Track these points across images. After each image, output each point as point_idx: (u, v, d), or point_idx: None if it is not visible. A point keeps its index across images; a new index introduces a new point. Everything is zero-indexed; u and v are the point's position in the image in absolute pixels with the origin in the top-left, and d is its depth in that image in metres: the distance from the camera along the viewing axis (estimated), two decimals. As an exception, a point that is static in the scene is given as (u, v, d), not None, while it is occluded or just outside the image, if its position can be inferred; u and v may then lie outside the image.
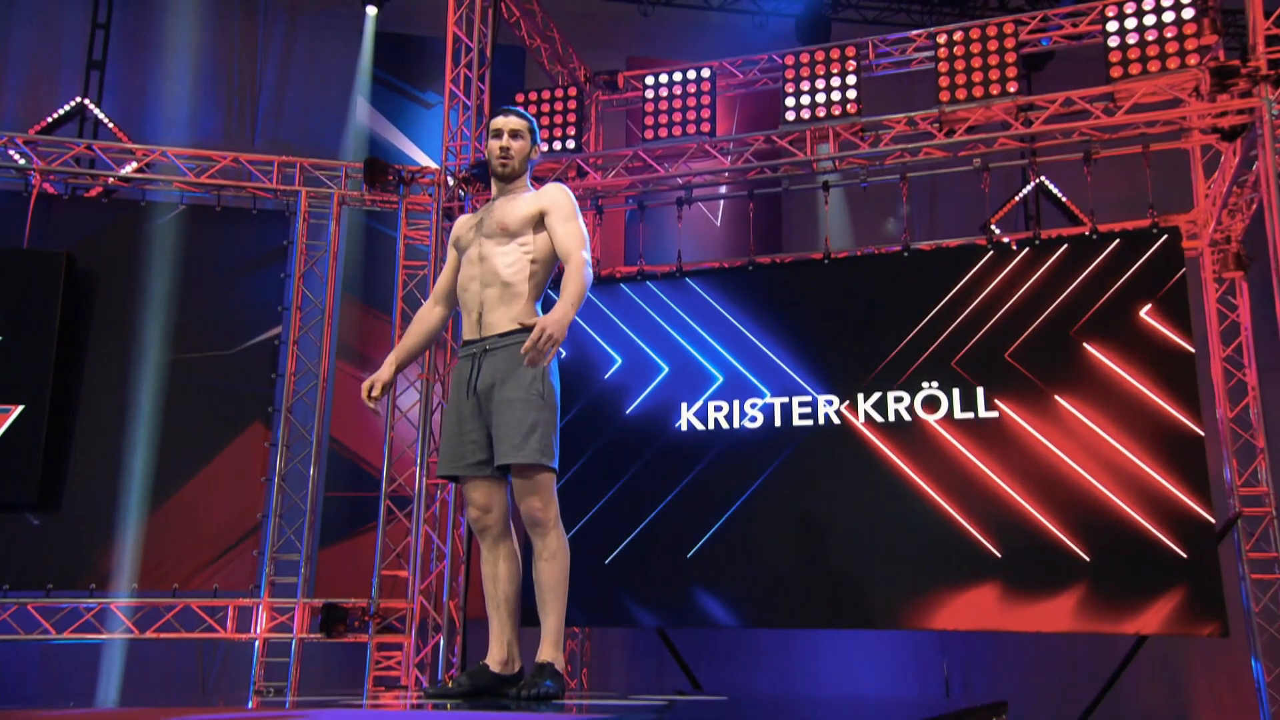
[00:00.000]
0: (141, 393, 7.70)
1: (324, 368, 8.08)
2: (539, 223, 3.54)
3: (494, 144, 3.56)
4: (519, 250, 3.49)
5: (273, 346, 7.97)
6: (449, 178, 8.15)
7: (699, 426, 7.51)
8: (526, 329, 3.32)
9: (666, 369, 7.73)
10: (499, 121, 3.55)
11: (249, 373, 7.87)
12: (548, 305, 3.53)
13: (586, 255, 3.47)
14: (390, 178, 8.19)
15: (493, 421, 3.36)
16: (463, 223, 3.68)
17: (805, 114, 7.56)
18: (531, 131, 3.59)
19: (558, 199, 3.54)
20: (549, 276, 3.57)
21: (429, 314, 3.70)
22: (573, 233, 3.49)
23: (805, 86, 7.59)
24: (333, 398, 8.78)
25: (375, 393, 3.55)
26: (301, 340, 8.10)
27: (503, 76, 9.05)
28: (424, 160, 9.87)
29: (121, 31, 10.17)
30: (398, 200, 8.33)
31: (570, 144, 8.28)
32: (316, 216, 8.35)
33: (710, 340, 7.69)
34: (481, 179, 7.89)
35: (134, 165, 8.10)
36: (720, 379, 7.57)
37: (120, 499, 7.49)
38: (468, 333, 3.48)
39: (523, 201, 3.56)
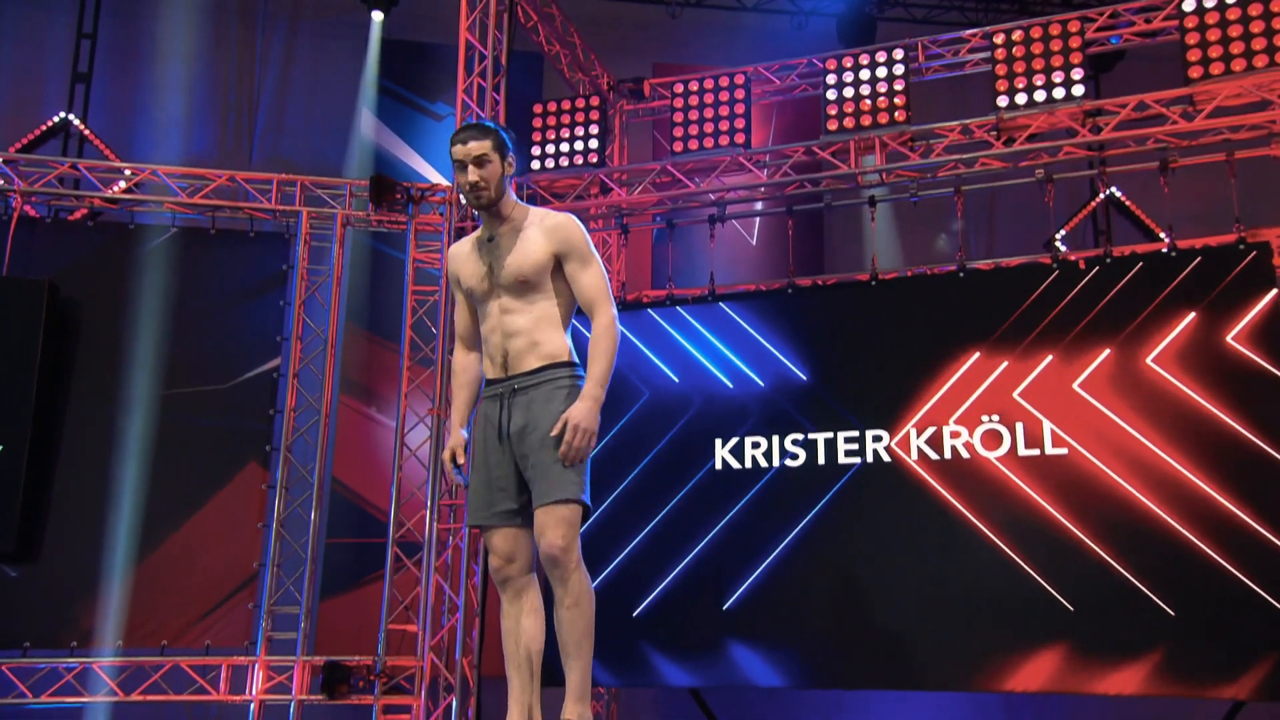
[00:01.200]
0: (129, 431, 7.70)
1: (326, 403, 8.06)
2: (557, 266, 3.52)
3: (460, 179, 3.50)
4: (543, 301, 3.49)
5: (271, 380, 7.99)
6: (461, 196, 8.07)
7: (735, 465, 7.50)
8: (556, 365, 3.40)
9: (698, 402, 7.70)
10: (458, 150, 3.47)
11: (245, 409, 7.88)
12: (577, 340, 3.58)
13: (613, 308, 3.47)
14: (398, 196, 8.21)
15: (528, 464, 3.38)
16: (462, 261, 3.62)
17: (849, 123, 7.53)
18: (499, 148, 3.49)
19: (572, 239, 3.51)
20: (574, 310, 3.59)
21: (469, 362, 3.71)
22: (596, 282, 3.50)
23: (849, 93, 7.57)
24: (335, 435, 8.79)
25: (460, 460, 3.58)
26: (302, 373, 8.10)
27: (519, 85, 9.07)
28: (434, 177, 9.91)
29: (108, 42, 10.25)
30: (406, 220, 8.34)
31: (593, 158, 8.30)
32: (319, 239, 8.39)
33: (747, 370, 7.68)
34: None
35: (122, 185, 8.16)
36: (758, 413, 7.53)
37: (105, 548, 7.48)
38: (491, 372, 3.50)
39: (531, 241, 3.51)
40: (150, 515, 7.57)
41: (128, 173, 8.23)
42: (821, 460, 7.29)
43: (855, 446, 7.22)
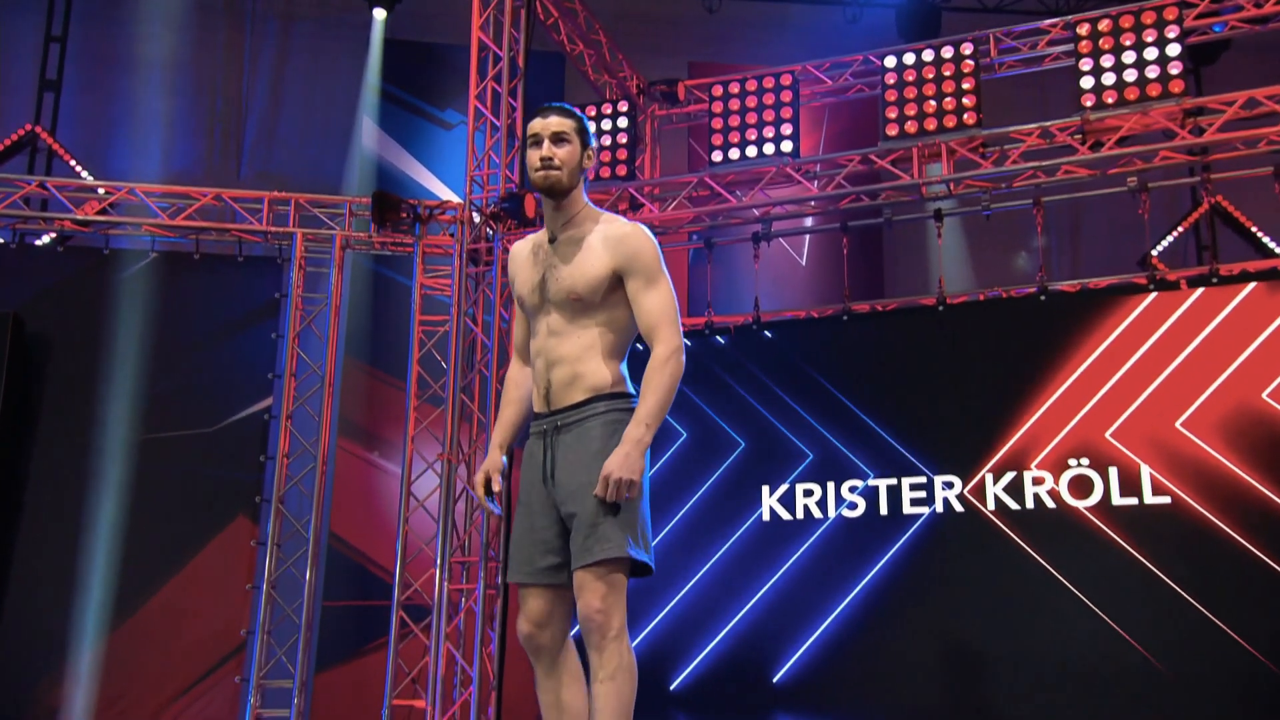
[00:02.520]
0: (103, 480, 7.72)
1: (323, 448, 8.06)
2: (618, 283, 3.44)
3: (533, 154, 3.48)
4: (595, 326, 3.44)
5: (261, 422, 8.01)
6: (474, 213, 8.21)
7: (785, 516, 7.51)
8: (602, 396, 3.37)
9: (743, 444, 7.72)
10: (537, 124, 3.49)
11: (233, 455, 7.91)
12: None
13: (678, 338, 3.37)
14: (404, 215, 8.22)
15: (568, 512, 3.34)
16: (519, 264, 3.60)
17: (911, 127, 7.48)
18: (581, 132, 3.51)
19: (639, 254, 3.42)
20: (633, 337, 3.52)
21: (522, 376, 3.68)
22: (660, 305, 3.40)
23: (911, 93, 7.51)
24: (334, 485, 8.81)
25: (496, 486, 3.52)
26: (297, 415, 8.10)
27: (538, 90, 8.96)
28: (444, 193, 9.94)
29: (80, 46, 10.31)
30: (413, 242, 8.35)
31: (621, 170, 8.34)
32: (315, 263, 8.42)
33: (796, 408, 7.68)
34: (514, 215, 7.82)
35: (95, 206, 8.22)
36: (810, 456, 7.56)
37: (74, 614, 7.45)
38: (537, 404, 3.49)
39: (591, 251, 3.46)
40: (125, 577, 7.57)
41: (101, 191, 8.30)
42: (884, 510, 7.27)
43: (923, 495, 7.21)
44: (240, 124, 10.18)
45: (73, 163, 8.93)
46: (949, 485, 7.18)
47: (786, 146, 7.82)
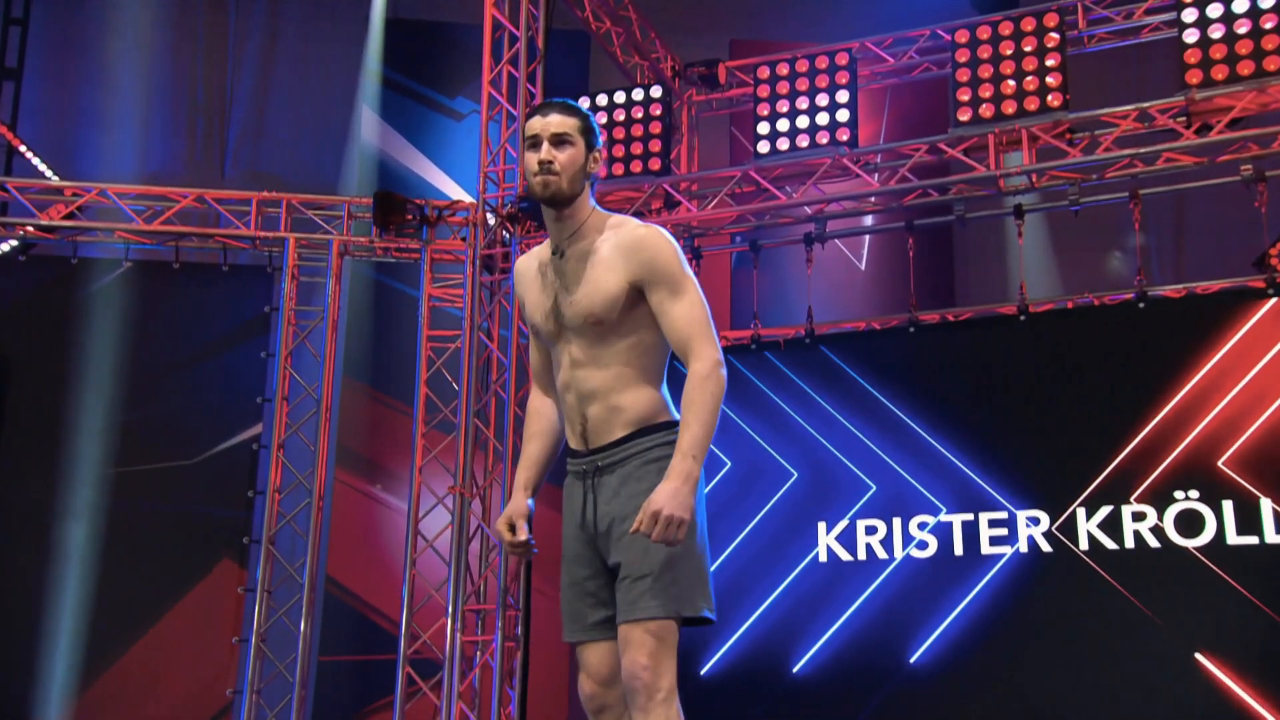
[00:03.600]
0: (69, 520, 7.73)
1: (320, 481, 8.05)
2: (639, 297, 3.42)
3: (530, 158, 3.46)
4: (622, 349, 3.43)
5: (250, 453, 8.11)
6: (488, 214, 8.25)
7: (845, 557, 7.46)
8: (647, 429, 3.39)
9: (795, 475, 7.70)
10: (535, 124, 3.47)
11: (218, 490, 8.00)
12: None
13: (716, 350, 3.36)
14: (409, 217, 8.26)
15: (614, 562, 3.37)
16: (527, 285, 3.61)
17: (986, 111, 7.40)
18: (585, 132, 3.49)
19: (656, 261, 3.41)
20: (669, 353, 3.51)
21: (544, 406, 3.70)
22: (690, 315, 3.37)
23: (986, 72, 7.43)
24: (331, 523, 8.78)
25: (520, 535, 3.54)
26: (289, 444, 8.10)
27: (560, 74, 9.03)
28: (454, 191, 9.93)
29: (44, 31, 10.33)
30: (419, 248, 8.37)
31: (655, 163, 8.30)
32: (309, 272, 8.43)
33: (857, 433, 7.63)
34: (534, 216, 7.91)
35: (62, 209, 8.19)
36: (873, 489, 7.52)
37: (39, 673, 7.42)
38: (571, 441, 3.52)
39: (604, 263, 3.44)
40: (96, 630, 7.56)
41: (69, 193, 8.27)
42: (959, 550, 7.22)
43: (1004, 532, 7.14)
44: (225, 116, 10.19)
45: (35, 161, 9.02)
46: (1034, 521, 7.09)
47: (843, 135, 7.78)
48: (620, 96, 8.45)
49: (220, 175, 10.03)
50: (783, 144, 7.89)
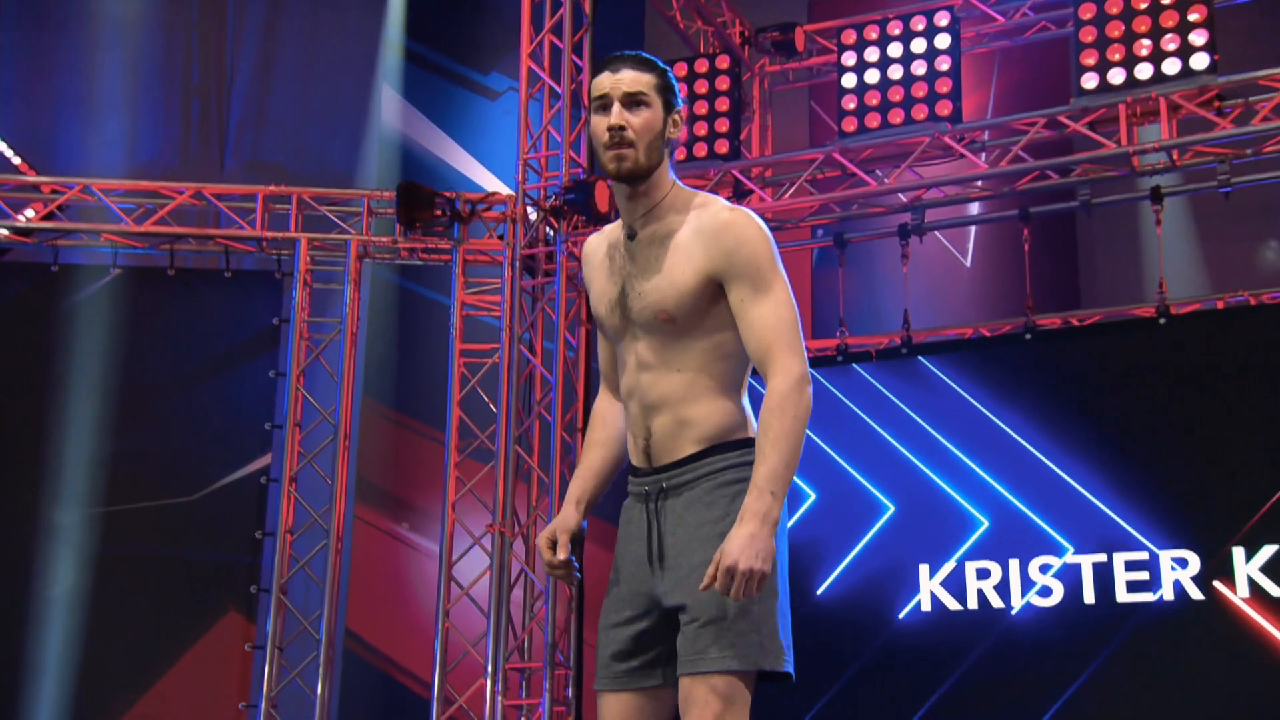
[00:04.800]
0: (52, 567, 7.71)
1: (338, 520, 8.04)
2: (719, 292, 3.32)
3: (598, 123, 3.34)
4: (698, 352, 3.36)
5: (258, 488, 8.09)
6: (529, 208, 8.25)
7: (951, 605, 7.39)
8: (721, 447, 3.32)
9: (892, 509, 7.64)
10: (604, 81, 3.37)
11: (222, 531, 7.97)
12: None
13: (802, 363, 3.27)
14: (438, 213, 8.24)
15: (675, 603, 3.31)
16: (595, 269, 3.58)
17: (1116, 76, 7.27)
18: (664, 90, 3.38)
19: (741, 251, 3.31)
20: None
21: (611, 411, 3.68)
22: (776, 320, 3.28)
23: (1115, 30, 7.28)
24: (350, 569, 8.72)
25: (561, 553, 3.49)
26: (302, 476, 8.07)
27: (610, 44, 8.90)
28: (490, 182, 9.90)
29: (17, 5, 10.34)
30: (450, 247, 8.38)
31: (722, 145, 8.30)
32: (324, 278, 8.43)
33: (964, 458, 7.55)
34: (582, 209, 7.83)
35: (41, 209, 8.19)
36: (986, 524, 7.43)
37: None
38: (634, 456, 3.48)
39: (681, 250, 3.36)
40: (83, 694, 7.54)
41: (47, 190, 8.24)
42: (1090, 598, 7.08)
43: (1145, 576, 7.01)
44: (224, 99, 10.11)
45: (9, 154, 9.03)
46: (1181, 563, 6.95)
47: (944, 109, 7.71)
48: (680, 69, 8.42)
49: (220, 167, 9.94)
50: (872, 120, 7.84)
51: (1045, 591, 7.15)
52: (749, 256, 3.26)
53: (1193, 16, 7.09)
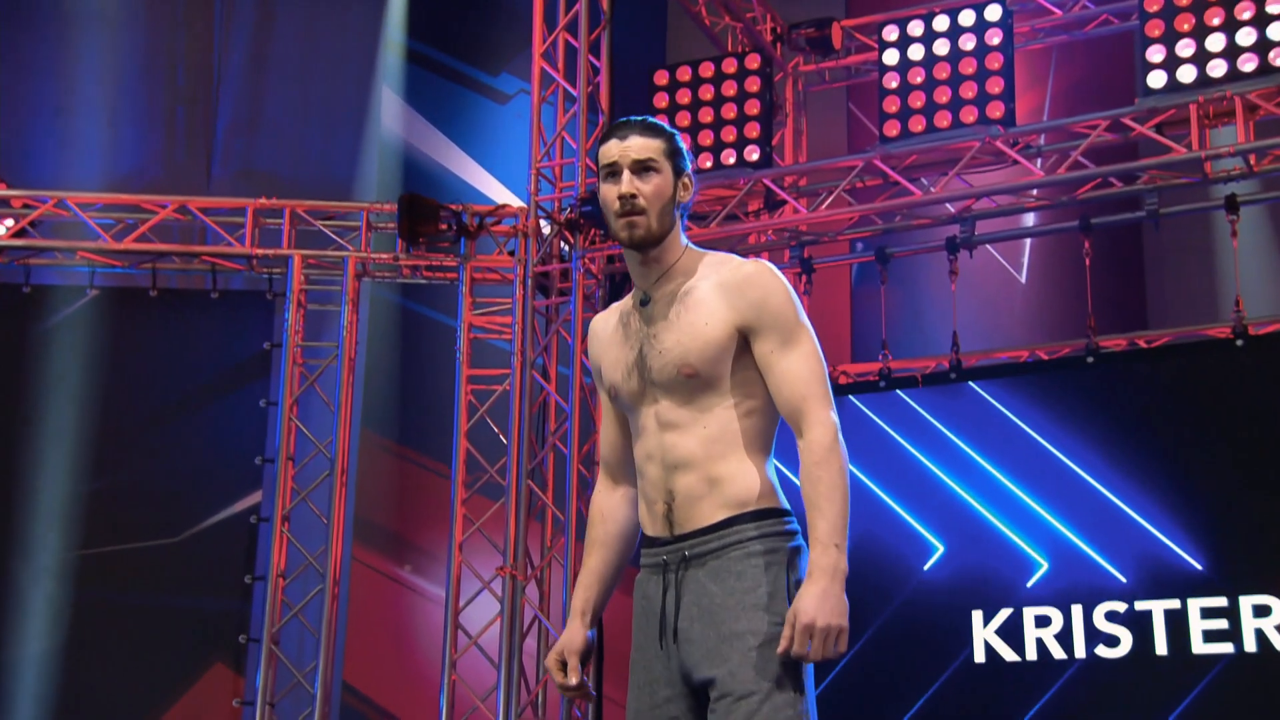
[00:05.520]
0: (25, 615, 7.70)
1: (334, 562, 8.01)
2: (744, 346, 3.44)
3: (608, 191, 3.51)
4: (723, 409, 3.43)
5: (247, 528, 8.08)
6: (542, 221, 8.26)
7: (1009, 656, 7.32)
8: (749, 515, 3.38)
9: (941, 549, 7.61)
10: (612, 149, 3.54)
11: (207, 576, 7.97)
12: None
13: (833, 414, 3.40)
14: (443, 227, 8.27)
15: (702, 679, 3.35)
16: (604, 344, 3.68)
17: (1187, 73, 7.20)
18: (672, 155, 3.55)
19: (768, 303, 3.46)
20: (778, 417, 3.52)
21: (613, 505, 3.75)
22: (807, 371, 3.44)
23: (1185, 24, 7.22)
24: (348, 616, 8.70)
25: (573, 677, 3.59)
26: (295, 515, 8.06)
27: (630, 42, 8.88)
28: (499, 193, 9.88)
29: None
30: (456, 264, 8.41)
31: (752, 152, 8.25)
32: (319, 298, 8.44)
33: (1020, 494, 7.50)
34: (598, 222, 7.78)
35: (11, 225, 8.18)
36: (1044, 566, 7.37)
37: None
38: (651, 526, 3.53)
39: (703, 305, 3.49)
40: None
41: (19, 205, 8.23)
42: (1162, 649, 7.00)
43: (1223, 625, 6.92)
44: (211, 104, 10.09)
45: None
46: (1264, 611, 6.86)
47: (995, 111, 7.65)
48: (707, 69, 8.38)
49: (207, 178, 9.91)
50: (917, 124, 7.80)
51: (1112, 641, 7.09)
52: (777, 308, 3.39)
53: (1272, 8, 7.02)
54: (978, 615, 7.35)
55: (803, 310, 3.47)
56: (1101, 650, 7.08)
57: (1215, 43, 7.10)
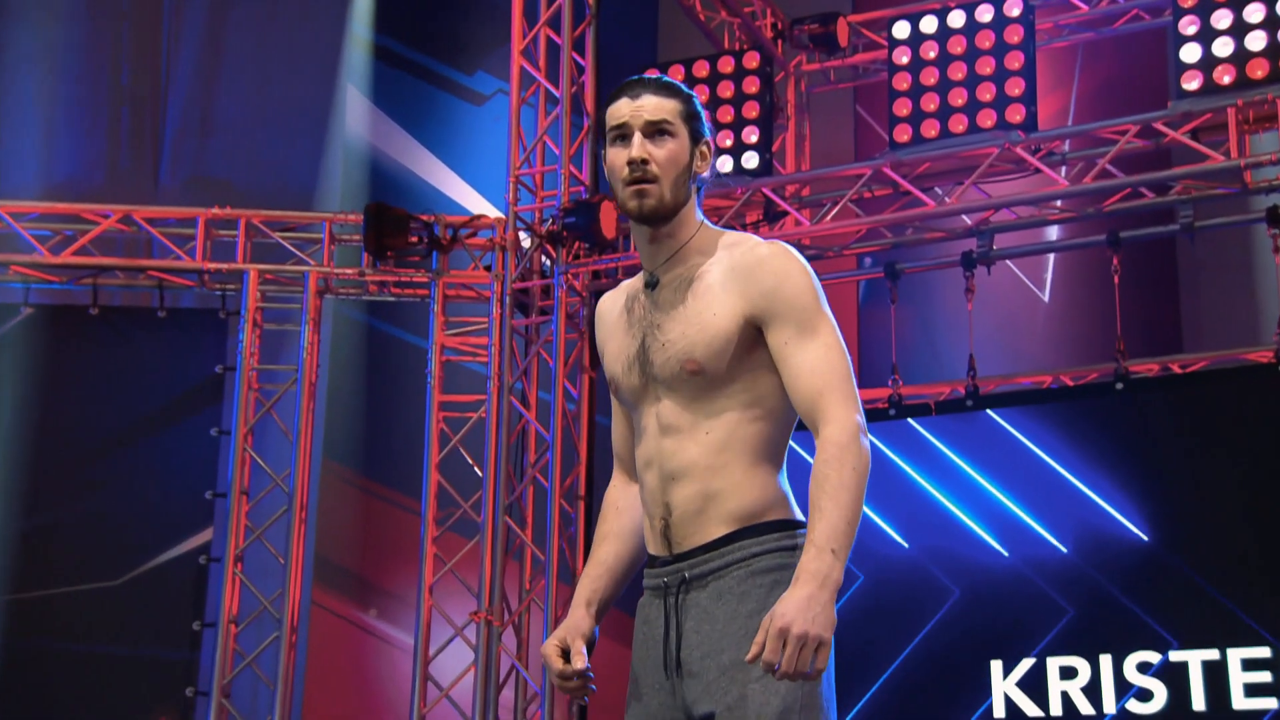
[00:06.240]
0: None
1: (291, 606, 8.01)
2: (757, 339, 3.36)
3: (616, 156, 3.41)
4: (731, 411, 3.37)
5: (196, 569, 8.07)
6: (521, 234, 8.28)
7: (1032, 711, 7.30)
8: (757, 528, 3.34)
9: (956, 593, 7.59)
10: (623, 109, 3.44)
11: (152, 622, 7.97)
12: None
13: (857, 411, 3.30)
14: (413, 239, 8.29)
15: (704, 712, 3.32)
16: (610, 329, 3.65)
17: (1224, 74, 7.17)
18: (690, 118, 3.47)
19: (784, 286, 3.35)
20: (793, 424, 3.48)
21: (629, 499, 3.70)
22: (826, 363, 3.33)
23: (1222, 20, 7.20)
24: (307, 666, 8.69)
25: (578, 661, 3.50)
26: (249, 555, 8.07)
27: (618, 39, 8.92)
28: (474, 202, 9.88)
29: None
30: (428, 280, 8.42)
31: (750, 159, 8.28)
32: (277, 317, 8.48)
33: (1043, 533, 7.49)
34: (585, 235, 7.79)
35: None
36: (1070, 613, 7.37)
37: None
38: (652, 543, 3.50)
39: (712, 293, 3.42)
40: None
41: None
42: (1200, 703, 6.99)
43: (1266, 678, 6.90)
44: (160, 104, 10.03)
45: None
46: None
47: (1015, 115, 7.69)
48: (702, 68, 8.42)
49: (154, 186, 9.79)
50: (930, 129, 7.82)
51: (1144, 695, 7.09)
52: (792, 294, 3.31)
53: (1320, -3, 7.05)
54: (997, 666, 7.35)
55: (824, 298, 3.38)
56: (1133, 705, 7.07)
57: (1256, 41, 7.07)
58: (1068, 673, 7.23)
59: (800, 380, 3.30)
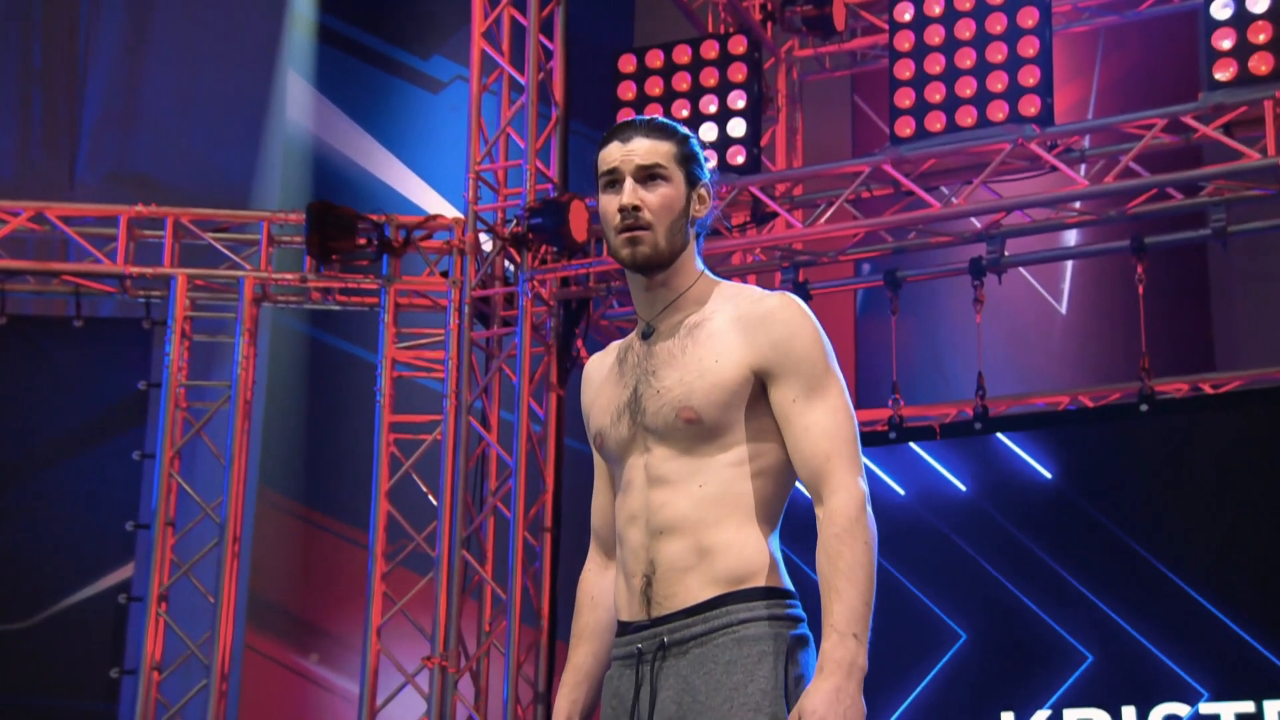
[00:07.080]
0: None
1: (222, 651, 8.02)
2: (757, 393, 3.41)
3: (608, 202, 3.49)
4: (726, 466, 3.41)
5: (115, 609, 8.02)
6: (482, 236, 8.20)
7: None
8: (744, 593, 3.36)
9: (964, 637, 7.68)
10: (613, 153, 3.53)
11: (66, 669, 7.99)
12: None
13: (862, 481, 3.35)
14: (361, 241, 8.35)
15: None
16: (598, 387, 3.71)
17: (1261, 63, 7.19)
18: (685, 160, 3.54)
19: (794, 341, 3.43)
20: (791, 485, 3.51)
21: (604, 589, 3.74)
22: (834, 428, 3.39)
23: (1259, 4, 7.21)
24: (239, 715, 8.75)
25: None
26: (175, 593, 8.10)
27: (589, 21, 8.95)
28: (430, 200, 9.89)
29: None
30: (378, 287, 8.43)
31: (737, 154, 8.31)
32: (209, 328, 8.45)
33: (1059, 570, 7.55)
34: (552, 238, 7.80)
35: None
36: (1089, 659, 7.41)
37: None
38: (627, 607, 3.52)
39: (715, 340, 3.46)
40: None
41: None
42: None
43: None
44: (77, 91, 10.05)
45: None
46: None
47: (1030, 107, 7.70)
48: (683, 54, 8.43)
49: (70, 181, 9.84)
50: (935, 122, 7.83)
51: None
52: (802, 349, 3.36)
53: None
54: (1008, 718, 7.42)
55: (834, 356, 3.44)
56: (1161, 766, 7.06)
57: (1296, 25, 6.95)
58: (1089, 726, 7.19)
59: (806, 443, 3.34)
